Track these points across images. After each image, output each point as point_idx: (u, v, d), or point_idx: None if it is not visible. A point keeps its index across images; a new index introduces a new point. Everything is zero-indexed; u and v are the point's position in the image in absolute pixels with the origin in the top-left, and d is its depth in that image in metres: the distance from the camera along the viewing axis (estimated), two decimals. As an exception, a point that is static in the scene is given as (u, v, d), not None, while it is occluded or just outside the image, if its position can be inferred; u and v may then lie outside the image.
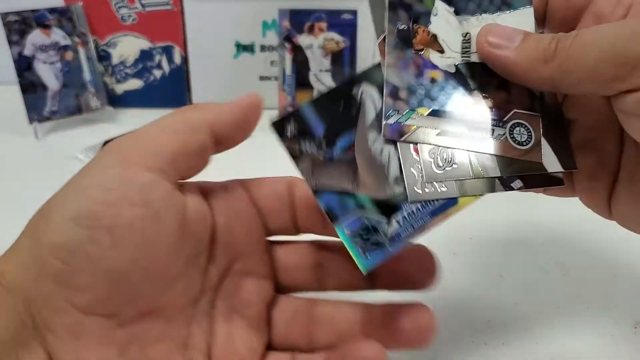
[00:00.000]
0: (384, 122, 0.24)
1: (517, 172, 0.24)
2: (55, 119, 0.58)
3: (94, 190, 0.22)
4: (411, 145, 0.24)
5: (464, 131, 0.24)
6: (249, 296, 0.27)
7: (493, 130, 0.24)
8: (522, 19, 0.24)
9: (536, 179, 0.24)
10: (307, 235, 0.29)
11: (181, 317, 0.25)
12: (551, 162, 0.24)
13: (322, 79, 0.57)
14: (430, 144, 0.24)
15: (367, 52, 0.60)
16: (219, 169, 0.28)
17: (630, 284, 0.38)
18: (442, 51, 0.24)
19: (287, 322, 0.27)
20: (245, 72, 0.62)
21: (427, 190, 0.24)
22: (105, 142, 0.55)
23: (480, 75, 0.24)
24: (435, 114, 0.24)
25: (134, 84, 0.63)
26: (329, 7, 0.56)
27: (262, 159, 0.47)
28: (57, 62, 0.58)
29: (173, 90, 0.63)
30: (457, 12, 0.25)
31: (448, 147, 0.24)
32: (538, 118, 0.24)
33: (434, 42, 0.24)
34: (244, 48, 0.61)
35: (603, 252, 0.41)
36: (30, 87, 0.57)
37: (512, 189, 0.25)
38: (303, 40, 0.56)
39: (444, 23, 0.24)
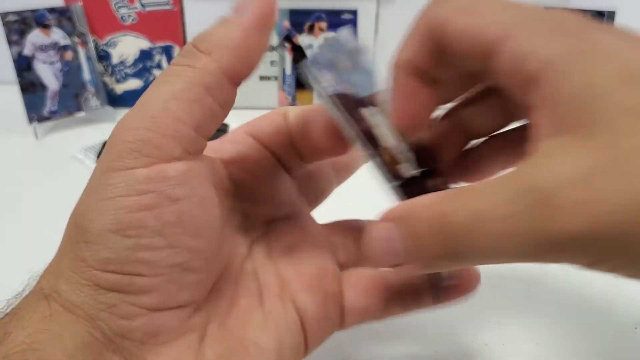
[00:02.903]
0: None
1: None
2: (55, 119, 0.58)
3: (128, 198, 0.20)
4: None
5: None
6: (298, 230, 0.27)
7: None
8: None
9: None
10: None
11: (246, 274, 0.25)
12: None
13: (322, 79, 0.57)
14: None
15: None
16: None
17: (630, 284, 0.38)
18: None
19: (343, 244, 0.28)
20: (245, 72, 0.62)
21: None
22: (105, 142, 0.55)
23: None
24: None
25: (134, 83, 0.63)
26: (329, 7, 0.56)
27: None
28: (56, 62, 0.58)
29: (173, 90, 0.63)
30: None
31: None
32: None
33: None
34: (243, 48, 0.61)
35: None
36: (30, 86, 0.57)
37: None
38: (303, 40, 0.56)
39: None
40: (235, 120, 0.66)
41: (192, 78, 0.21)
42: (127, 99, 0.63)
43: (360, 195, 0.34)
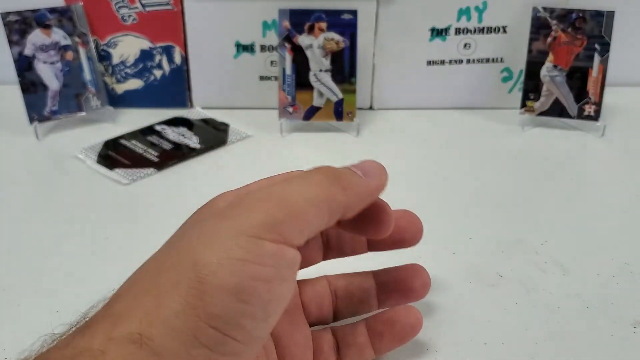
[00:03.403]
0: None
1: None
2: (56, 119, 0.58)
3: (252, 265, 0.22)
4: None
5: None
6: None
7: None
8: None
9: None
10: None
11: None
12: None
13: (322, 79, 0.57)
14: None
15: (367, 52, 0.60)
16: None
17: (630, 284, 0.38)
18: None
19: (316, 304, 0.32)
20: (245, 72, 0.62)
21: None
22: (106, 142, 0.56)
23: None
24: None
25: (134, 83, 0.63)
26: (329, 7, 0.56)
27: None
28: (57, 62, 0.58)
29: (173, 90, 0.63)
30: None
31: None
32: None
33: None
34: (244, 48, 0.61)
35: (603, 252, 0.41)
36: (31, 86, 0.57)
37: None
38: (303, 40, 0.56)
39: None
40: (235, 120, 0.66)
41: (329, 195, 0.25)
42: (128, 99, 0.63)
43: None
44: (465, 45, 0.61)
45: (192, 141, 0.57)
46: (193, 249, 0.22)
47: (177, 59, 0.62)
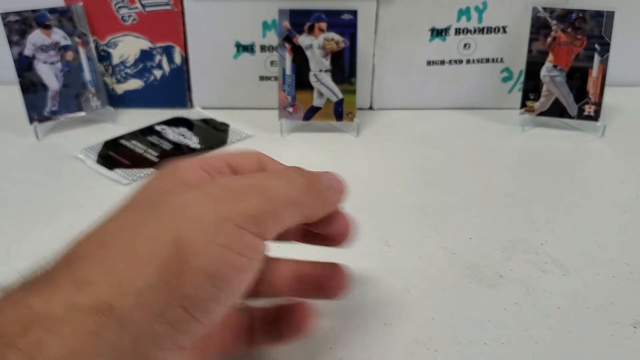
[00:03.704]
0: None
1: None
2: (56, 119, 0.58)
3: (232, 254, 0.22)
4: None
5: None
6: None
7: None
8: None
9: None
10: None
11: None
12: None
13: (322, 79, 0.57)
14: None
15: (367, 52, 0.60)
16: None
17: (630, 284, 0.38)
18: None
19: None
20: (245, 72, 0.62)
21: None
22: (106, 142, 0.56)
23: None
24: None
25: (134, 84, 0.63)
26: (329, 7, 0.56)
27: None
28: (57, 62, 0.58)
29: (173, 90, 0.63)
30: None
31: None
32: None
33: None
34: (244, 48, 0.61)
35: (603, 252, 0.41)
36: (31, 87, 0.57)
37: None
38: (303, 40, 0.56)
39: None
40: (235, 120, 0.66)
41: (306, 200, 0.26)
42: (128, 99, 0.63)
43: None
44: (465, 45, 0.61)
45: (192, 141, 0.57)
46: (177, 225, 0.22)
47: (177, 59, 0.62)
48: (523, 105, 0.59)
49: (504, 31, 0.61)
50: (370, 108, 0.64)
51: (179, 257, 0.21)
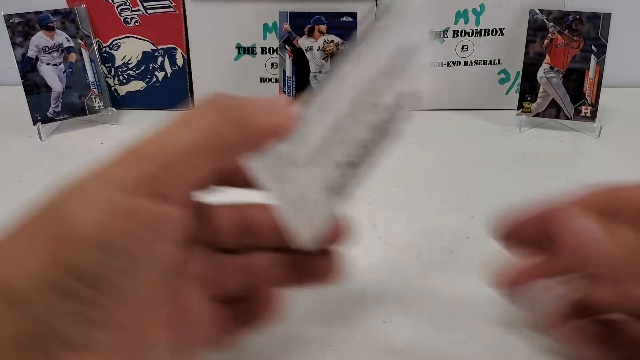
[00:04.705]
0: None
1: None
2: (59, 120, 0.59)
3: (121, 221, 0.20)
4: None
5: None
6: None
7: None
8: None
9: None
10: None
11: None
12: None
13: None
14: None
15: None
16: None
17: (624, 282, 0.39)
18: None
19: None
20: (246, 74, 0.62)
21: None
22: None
23: None
24: None
25: (137, 85, 0.64)
26: (329, 9, 0.56)
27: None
28: (60, 64, 0.59)
29: (175, 91, 0.64)
30: None
31: None
32: None
33: None
34: (244, 50, 0.62)
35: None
36: (34, 88, 0.58)
37: None
38: (303, 42, 0.57)
39: None
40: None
41: (216, 137, 0.22)
42: (130, 101, 0.64)
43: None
44: (462, 47, 0.62)
45: (194, 142, 0.57)
46: (60, 199, 0.21)
47: (179, 61, 0.63)
48: (520, 106, 0.60)
49: (502, 33, 0.61)
50: (370, 109, 0.64)
51: (64, 228, 0.20)
